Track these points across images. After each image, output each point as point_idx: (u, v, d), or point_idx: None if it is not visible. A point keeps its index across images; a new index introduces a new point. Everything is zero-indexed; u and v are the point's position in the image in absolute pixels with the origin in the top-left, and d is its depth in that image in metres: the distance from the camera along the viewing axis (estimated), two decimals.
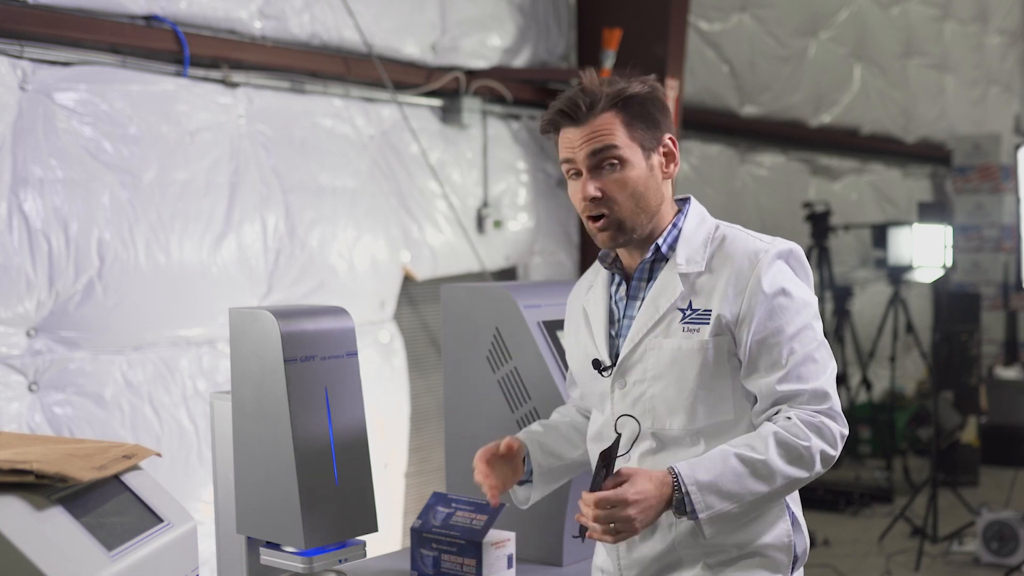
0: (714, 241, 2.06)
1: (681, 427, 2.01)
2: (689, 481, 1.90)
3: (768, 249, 2.01)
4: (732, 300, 1.99)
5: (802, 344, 1.99)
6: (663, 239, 2.07)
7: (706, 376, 2.00)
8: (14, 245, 3.43)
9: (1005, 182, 9.42)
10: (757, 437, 1.95)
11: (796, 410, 1.97)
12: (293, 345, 1.99)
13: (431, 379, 5.08)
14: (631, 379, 2.06)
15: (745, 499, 1.92)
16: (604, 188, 2.01)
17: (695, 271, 2.03)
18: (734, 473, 1.91)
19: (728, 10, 7.20)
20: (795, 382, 1.97)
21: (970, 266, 9.53)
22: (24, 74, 3.50)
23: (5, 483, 1.61)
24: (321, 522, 2.01)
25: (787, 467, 1.93)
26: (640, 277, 2.09)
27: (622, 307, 2.11)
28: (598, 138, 2.00)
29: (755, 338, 1.98)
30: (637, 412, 2.04)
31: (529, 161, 5.55)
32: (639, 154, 2.02)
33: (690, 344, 2.00)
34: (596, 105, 2.00)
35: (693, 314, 2.01)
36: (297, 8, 4.36)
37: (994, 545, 5.75)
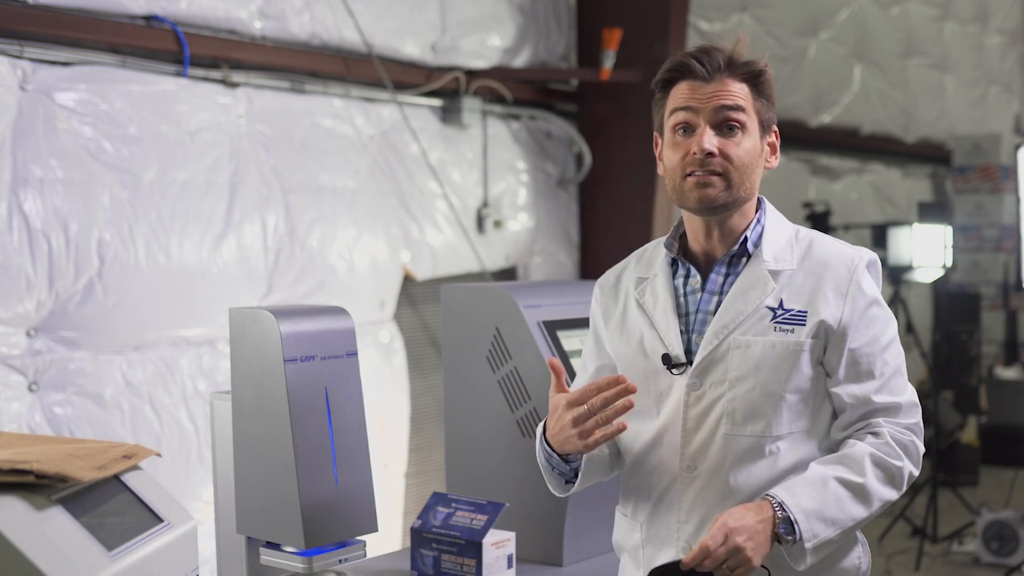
0: (799, 242, 2.00)
1: (759, 434, 1.91)
2: (796, 509, 1.81)
3: (862, 256, 1.98)
4: (833, 304, 1.92)
5: (893, 356, 1.96)
6: (750, 232, 1.99)
7: (796, 380, 1.91)
8: (14, 245, 3.43)
9: (1005, 182, 9.42)
10: (851, 459, 1.88)
11: (887, 426, 1.91)
12: (293, 345, 1.99)
13: (431, 379, 5.08)
14: (709, 379, 1.94)
15: (846, 525, 1.86)
16: (722, 147, 1.92)
17: (786, 269, 1.96)
18: (836, 498, 1.84)
19: (728, 10, 7.20)
20: (889, 394, 1.93)
21: (970, 266, 9.53)
22: (24, 74, 3.50)
23: (5, 483, 1.61)
24: (321, 522, 2.01)
25: (883, 489, 1.88)
26: (719, 271, 1.99)
27: (694, 300, 2.00)
28: (730, 96, 1.93)
29: (852, 346, 1.92)
30: (713, 416, 1.93)
31: (529, 161, 5.55)
32: (757, 129, 1.97)
33: (784, 344, 1.91)
34: (734, 68, 1.95)
35: (786, 314, 1.93)
36: (297, 8, 4.37)
37: (994, 545, 5.75)
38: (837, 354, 1.92)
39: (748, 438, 1.91)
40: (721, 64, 1.94)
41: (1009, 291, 9.15)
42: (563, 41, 5.70)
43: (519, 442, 2.60)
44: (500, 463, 2.63)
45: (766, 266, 1.96)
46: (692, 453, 1.95)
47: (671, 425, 1.97)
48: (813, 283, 1.94)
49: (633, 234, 5.56)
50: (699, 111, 1.93)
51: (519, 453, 2.60)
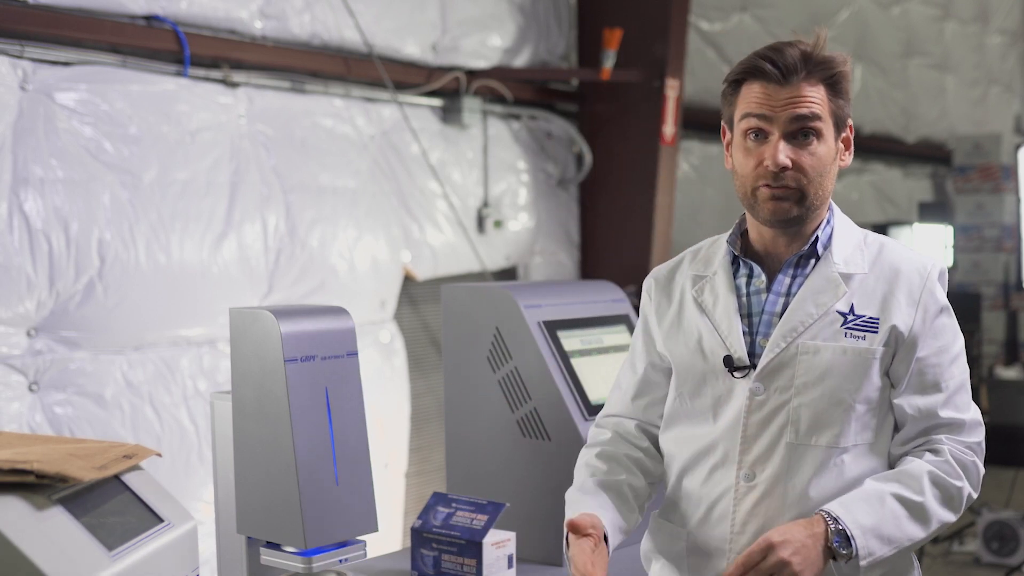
0: (869, 246, 1.93)
1: (827, 443, 1.83)
2: (852, 524, 1.73)
3: (935, 264, 1.92)
4: (905, 311, 1.85)
5: (960, 370, 1.89)
6: (821, 232, 1.91)
7: (866, 389, 1.83)
8: (14, 245, 3.43)
9: (1006, 182, 9.42)
10: (909, 476, 1.81)
11: (949, 444, 1.84)
12: (293, 345, 1.99)
13: (431, 379, 5.08)
14: (774, 385, 1.85)
15: (903, 544, 1.78)
16: (796, 160, 1.84)
17: (858, 273, 1.88)
18: (894, 516, 1.77)
19: (728, 10, 7.20)
20: (954, 410, 1.86)
21: (971, 266, 9.52)
22: (24, 74, 3.50)
23: (5, 483, 1.61)
24: (321, 522, 2.01)
25: (941, 510, 1.81)
26: (786, 271, 1.91)
27: (759, 301, 1.91)
28: (807, 103, 1.84)
29: (920, 355, 1.85)
30: (776, 423, 1.84)
31: (529, 161, 5.55)
32: (832, 133, 1.89)
33: (855, 351, 1.83)
34: (811, 70, 1.85)
35: (857, 320, 1.85)
36: (297, 8, 4.36)
37: (994, 545, 5.75)
38: (905, 363, 1.85)
39: (813, 448, 1.83)
40: (797, 66, 1.84)
41: (1010, 291, 9.14)
42: (563, 41, 5.70)
43: (519, 442, 2.59)
44: (500, 463, 2.63)
45: (837, 269, 1.88)
46: (751, 461, 1.86)
47: (730, 431, 1.88)
48: (885, 289, 1.87)
49: (633, 234, 5.56)
50: (773, 119, 1.84)
51: (519, 453, 2.60)
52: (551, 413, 2.55)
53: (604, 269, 5.48)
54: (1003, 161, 9.45)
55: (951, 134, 10.03)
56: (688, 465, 1.95)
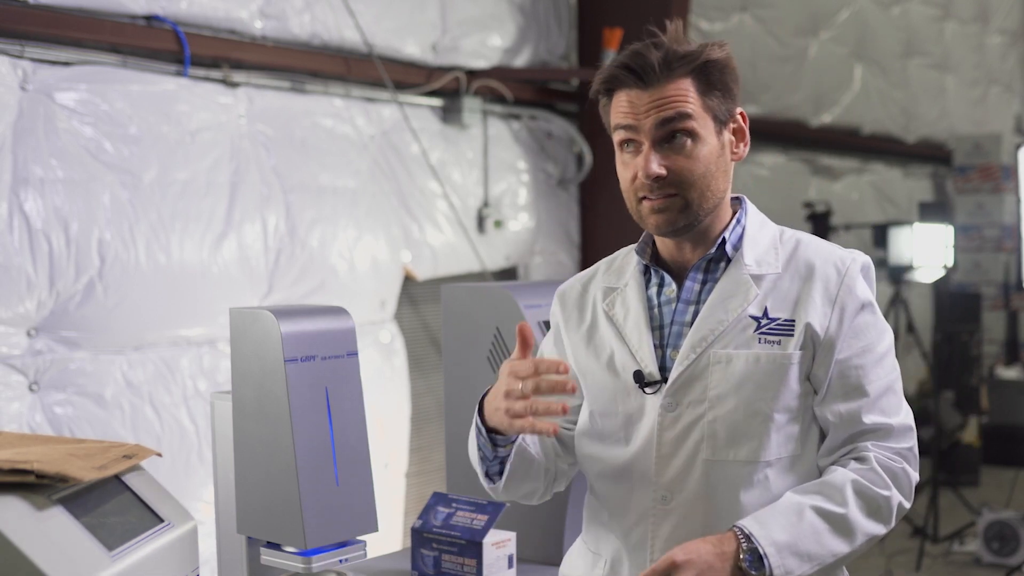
0: (784, 244, 1.80)
1: (745, 459, 1.70)
2: (765, 541, 1.61)
3: (854, 258, 1.77)
4: (821, 310, 1.72)
5: (886, 371, 1.76)
6: (729, 233, 1.79)
7: (785, 397, 1.70)
8: (14, 245, 3.43)
9: (1006, 182, 9.42)
10: (830, 486, 1.68)
11: (875, 451, 1.71)
12: (293, 345, 1.99)
13: (431, 379, 5.08)
14: (687, 399, 1.73)
15: (825, 560, 1.65)
16: (671, 166, 1.71)
17: (770, 273, 1.76)
18: (813, 530, 1.64)
19: (728, 10, 7.20)
20: (880, 414, 1.72)
21: (971, 266, 9.52)
22: (24, 74, 3.50)
23: (5, 483, 1.61)
24: (321, 522, 2.01)
25: (867, 522, 1.67)
26: (694, 278, 1.79)
27: (669, 311, 1.79)
28: (671, 104, 1.70)
29: (840, 356, 1.72)
30: (692, 439, 1.72)
31: (530, 161, 5.55)
32: (712, 128, 1.74)
33: (770, 358, 1.70)
34: (672, 67, 1.71)
35: (771, 323, 1.72)
36: (297, 8, 4.36)
37: (995, 545, 5.75)
38: (824, 366, 1.72)
39: (732, 464, 1.70)
40: (656, 66, 1.71)
41: (1010, 291, 9.14)
42: (563, 41, 5.70)
43: None
44: None
45: (748, 270, 1.76)
46: (667, 483, 1.73)
47: (643, 451, 1.75)
48: (800, 288, 1.74)
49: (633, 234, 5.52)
50: (639, 128, 1.72)
51: None
52: None
53: None
54: (1003, 161, 9.44)
55: (951, 134, 10.03)
56: (603, 489, 1.84)
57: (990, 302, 9.37)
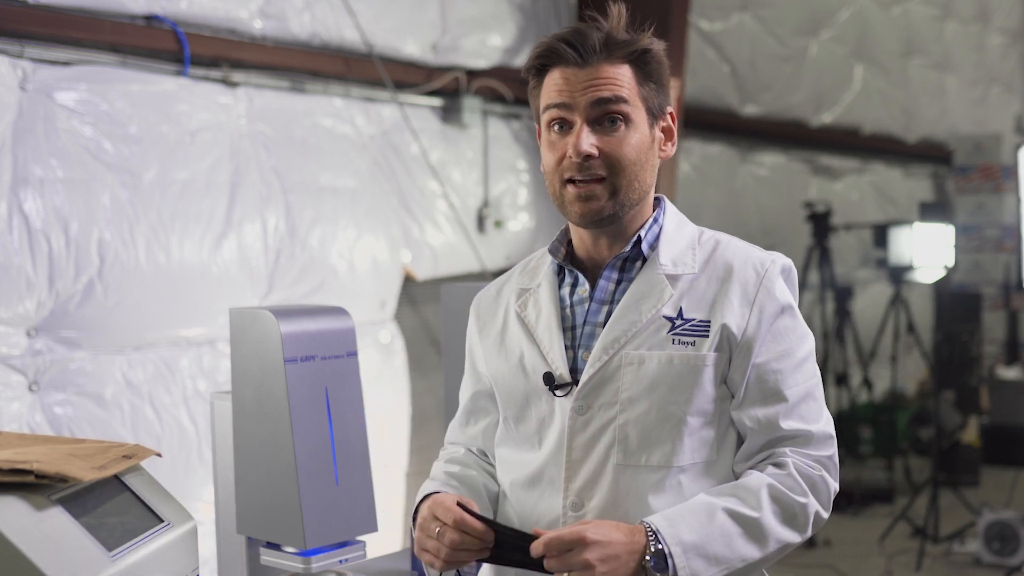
0: (703, 245, 1.76)
1: (660, 463, 1.65)
2: (672, 540, 1.55)
3: (774, 260, 1.73)
4: (738, 311, 1.67)
5: (805, 376, 1.70)
6: (645, 232, 1.74)
7: (699, 400, 1.65)
8: (14, 245, 3.43)
9: (1006, 182, 9.42)
10: (745, 489, 1.62)
11: (793, 457, 1.65)
12: (293, 345, 1.99)
13: (431, 379, 5.08)
14: (598, 402, 1.67)
15: (734, 565, 1.59)
16: (603, 147, 1.67)
17: (686, 274, 1.71)
18: (723, 533, 1.58)
19: (729, 9, 7.20)
20: (798, 420, 1.67)
21: (971, 266, 9.52)
22: (24, 74, 3.50)
23: (5, 483, 1.61)
24: (321, 522, 2.01)
25: (781, 528, 1.62)
26: (608, 277, 1.75)
27: (582, 311, 1.75)
28: (608, 86, 1.66)
29: (758, 360, 1.67)
30: (603, 444, 1.67)
31: (530, 161, 5.55)
32: (645, 118, 1.70)
33: (683, 359, 1.66)
34: (611, 49, 1.68)
35: (685, 324, 1.67)
36: (297, 8, 4.36)
37: (995, 545, 5.75)
38: (741, 370, 1.67)
39: (644, 469, 1.65)
40: (597, 46, 1.67)
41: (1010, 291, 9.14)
42: None
43: None
44: None
45: (664, 270, 1.71)
46: (578, 488, 1.68)
47: (554, 455, 1.70)
48: (716, 289, 1.69)
49: None
50: (573, 106, 1.67)
51: None
52: None
53: None
54: (1003, 161, 9.45)
55: (951, 134, 10.04)
56: (515, 495, 1.78)
57: (990, 302, 9.37)
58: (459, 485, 1.83)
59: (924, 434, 8.24)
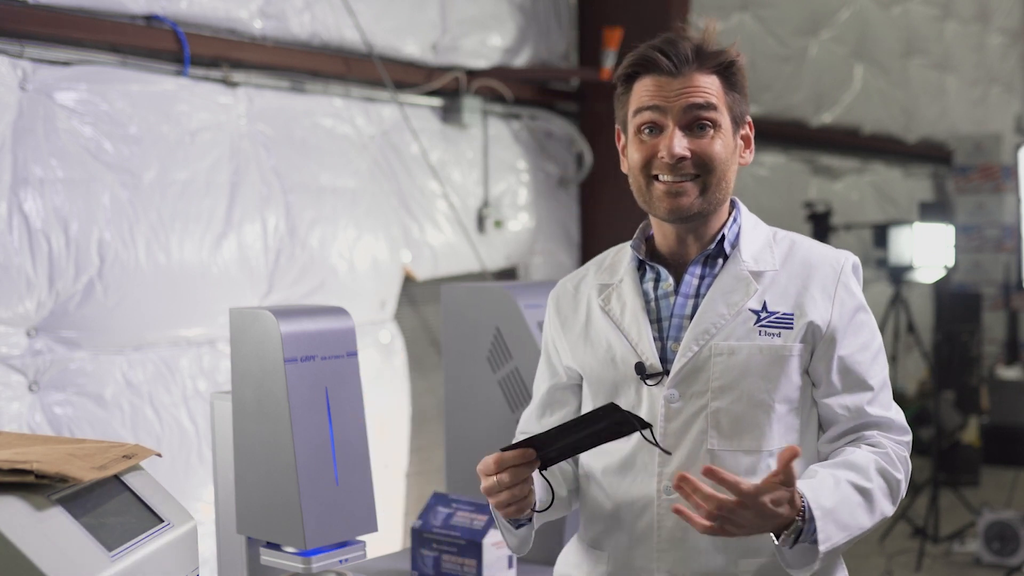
0: (779, 243, 1.87)
1: (751, 447, 1.76)
2: (815, 505, 1.63)
3: (847, 258, 1.85)
4: (821, 305, 1.78)
5: (881, 367, 1.83)
6: (727, 231, 1.85)
7: (785, 388, 1.77)
8: (14, 245, 3.43)
9: (1006, 182, 9.42)
10: (856, 464, 1.73)
11: (886, 439, 1.78)
12: (293, 345, 1.99)
13: (431, 379, 5.08)
14: (690, 390, 1.77)
15: (854, 533, 1.69)
16: (695, 149, 1.78)
17: (768, 270, 1.82)
18: (849, 502, 1.68)
19: (728, 10, 7.20)
20: (881, 407, 1.80)
21: (971, 266, 9.52)
22: (24, 74, 3.50)
23: (5, 483, 1.61)
24: (321, 522, 2.01)
25: (884, 502, 1.74)
26: (693, 272, 1.84)
27: (667, 305, 1.84)
28: (701, 93, 1.78)
29: (842, 352, 1.79)
30: (696, 429, 1.76)
31: (530, 161, 5.55)
32: (730, 126, 1.83)
33: (771, 350, 1.76)
34: (703, 60, 1.79)
35: (770, 317, 1.78)
36: (297, 8, 4.36)
37: (995, 545, 5.75)
38: (826, 361, 1.79)
39: (736, 453, 1.75)
40: (689, 56, 1.79)
41: (1010, 291, 9.15)
42: (563, 41, 5.70)
43: None
44: None
45: (746, 267, 1.82)
46: (671, 472, 1.77)
47: (645, 443, 1.75)
48: (798, 285, 1.80)
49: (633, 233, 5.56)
50: (667, 110, 1.79)
51: None
52: None
53: None
54: (1003, 161, 9.45)
55: (951, 134, 10.04)
56: (605, 482, 1.86)
57: (990, 302, 9.37)
58: None
59: (924, 434, 8.24)
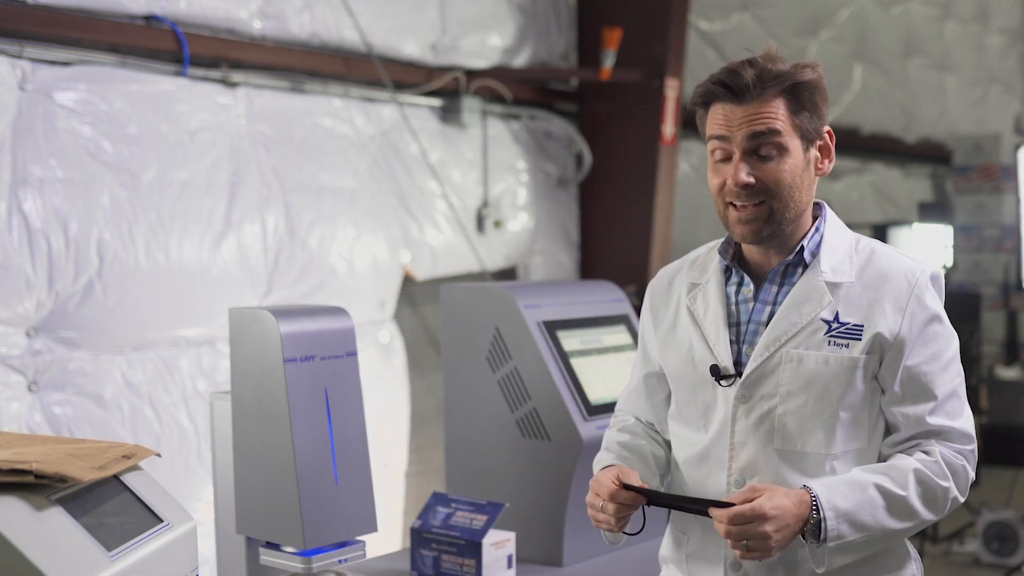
0: (859, 253, 1.92)
1: (815, 450, 1.84)
2: (827, 505, 1.76)
3: (925, 269, 1.89)
4: (891, 318, 1.84)
5: (951, 377, 1.88)
6: (807, 241, 1.91)
7: (851, 396, 1.84)
8: (14, 245, 3.43)
9: (1006, 182, 9.41)
10: (896, 470, 1.82)
11: (940, 447, 1.85)
12: (293, 345, 1.99)
13: (431, 379, 5.08)
14: (759, 393, 1.87)
15: (874, 533, 1.79)
16: (759, 176, 1.85)
17: (844, 281, 1.88)
18: (871, 504, 1.78)
19: (728, 10, 7.20)
20: (944, 417, 1.86)
21: (970, 266, 9.52)
22: (24, 74, 3.50)
23: (5, 483, 1.61)
24: (321, 522, 2.01)
25: (922, 508, 1.81)
26: (773, 280, 1.92)
27: (747, 310, 1.93)
28: (762, 120, 1.84)
29: (909, 363, 1.84)
30: (763, 431, 1.86)
31: (529, 161, 5.55)
32: (799, 144, 1.86)
33: (838, 360, 1.83)
34: (765, 86, 1.84)
35: (841, 328, 1.85)
36: (297, 8, 4.36)
37: (995, 545, 5.75)
38: (892, 371, 1.85)
39: (801, 455, 1.85)
40: (750, 84, 1.84)
41: (1009, 291, 9.14)
42: (563, 41, 5.70)
43: (519, 442, 2.59)
44: (500, 463, 2.63)
45: (823, 277, 1.88)
46: (741, 467, 1.88)
47: (719, 437, 1.90)
48: (871, 296, 1.87)
49: (633, 234, 5.56)
50: (731, 139, 1.86)
51: (519, 453, 2.60)
52: (551, 413, 2.55)
53: (604, 269, 5.48)
54: (1003, 161, 9.44)
55: (951, 134, 10.03)
56: (686, 471, 1.98)
57: (990, 302, 9.36)
58: (629, 456, 2.03)
59: None
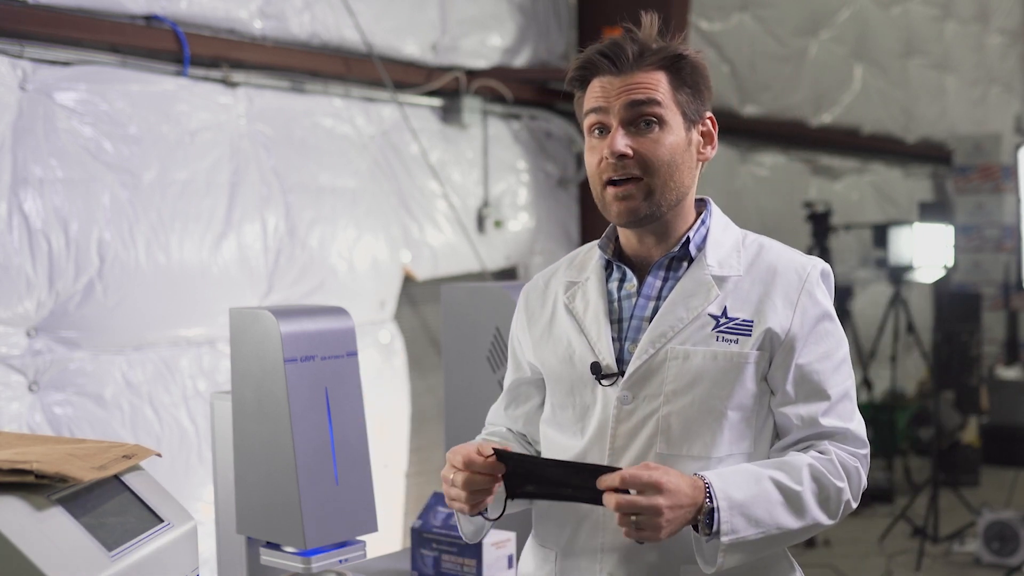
0: (747, 247, 1.83)
1: (700, 453, 1.72)
2: (721, 495, 1.63)
3: (815, 264, 1.80)
4: (781, 313, 1.75)
5: (843, 378, 1.78)
6: (693, 234, 1.81)
7: (739, 395, 1.73)
8: (14, 245, 3.43)
9: (1006, 182, 9.41)
10: (790, 465, 1.70)
11: (835, 448, 1.74)
12: (293, 345, 1.99)
13: (431, 379, 5.08)
14: (643, 392, 1.75)
15: (770, 531, 1.66)
16: (637, 147, 1.74)
17: (732, 275, 1.78)
18: (766, 499, 1.66)
19: (728, 10, 7.20)
20: (837, 419, 1.76)
21: (971, 266, 9.51)
22: (24, 74, 3.50)
23: (5, 483, 1.61)
24: (321, 522, 2.01)
25: (815, 507, 1.70)
26: (656, 274, 1.81)
27: (629, 306, 1.81)
28: (642, 89, 1.74)
29: (800, 361, 1.75)
30: (645, 433, 1.74)
31: (529, 161, 5.55)
32: (680, 122, 1.77)
33: (727, 355, 1.73)
34: (645, 57, 1.76)
35: (730, 323, 1.75)
36: (297, 8, 4.36)
37: (995, 545, 5.75)
38: (783, 369, 1.75)
39: (685, 459, 1.72)
40: (630, 54, 1.75)
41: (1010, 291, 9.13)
42: (563, 41, 5.70)
43: None
44: None
45: (710, 271, 1.78)
46: None
47: (597, 442, 1.76)
48: (761, 291, 1.77)
49: None
50: (609, 109, 1.75)
51: None
52: None
53: None
54: (1003, 161, 9.44)
55: (951, 134, 10.03)
56: None
57: (990, 302, 9.36)
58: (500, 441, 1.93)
59: (924, 434, 8.24)
